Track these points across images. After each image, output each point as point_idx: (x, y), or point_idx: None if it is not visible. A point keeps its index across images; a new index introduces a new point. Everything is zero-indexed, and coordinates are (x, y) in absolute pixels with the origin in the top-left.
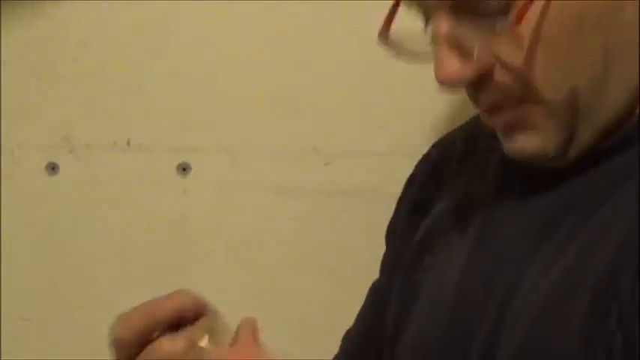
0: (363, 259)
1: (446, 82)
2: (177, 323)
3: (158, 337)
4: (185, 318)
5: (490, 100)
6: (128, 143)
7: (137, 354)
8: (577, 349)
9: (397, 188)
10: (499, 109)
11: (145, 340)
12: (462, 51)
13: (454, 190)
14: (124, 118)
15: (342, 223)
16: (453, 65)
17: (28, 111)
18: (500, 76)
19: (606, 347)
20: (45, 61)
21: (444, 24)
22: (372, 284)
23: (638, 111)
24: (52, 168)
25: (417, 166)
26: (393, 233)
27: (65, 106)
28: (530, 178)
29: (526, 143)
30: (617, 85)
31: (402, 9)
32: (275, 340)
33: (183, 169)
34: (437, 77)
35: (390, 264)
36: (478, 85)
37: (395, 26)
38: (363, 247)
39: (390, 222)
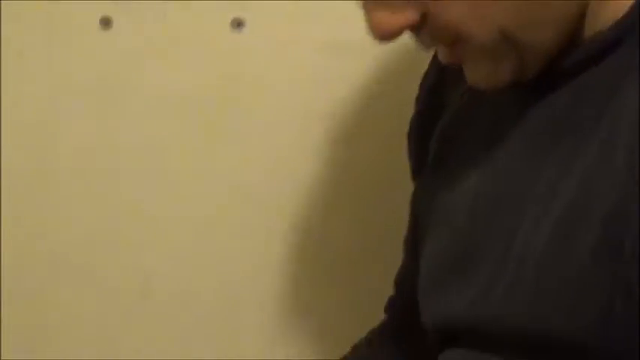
0: None
1: (383, 38)
2: None
3: None
4: None
5: (427, 42)
6: None
7: None
8: (588, 275)
9: None
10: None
11: None
12: (390, 4)
13: (454, 109)
14: None
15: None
16: (383, 20)
17: None
18: (431, 20)
19: (619, 272)
20: None
21: None
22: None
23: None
24: (106, 23)
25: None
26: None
27: None
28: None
29: (475, 75)
30: (549, 16)
31: None
32: None
33: (238, 24)
34: (373, 36)
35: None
36: (413, 30)
37: None
38: None
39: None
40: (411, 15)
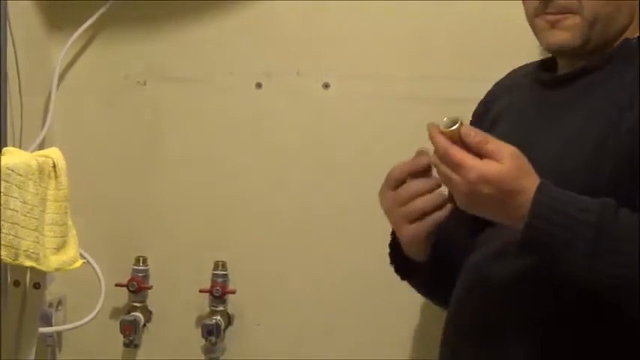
0: None
1: None
2: None
3: None
4: None
5: (557, 7)
6: None
7: None
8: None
9: None
10: (555, 12)
11: None
12: None
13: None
14: None
15: None
16: None
17: None
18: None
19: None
20: None
21: None
22: None
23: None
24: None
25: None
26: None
27: None
28: (548, 85)
29: (560, 37)
30: (619, 21)
31: None
32: None
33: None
34: None
35: None
36: None
37: None
38: None
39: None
40: None
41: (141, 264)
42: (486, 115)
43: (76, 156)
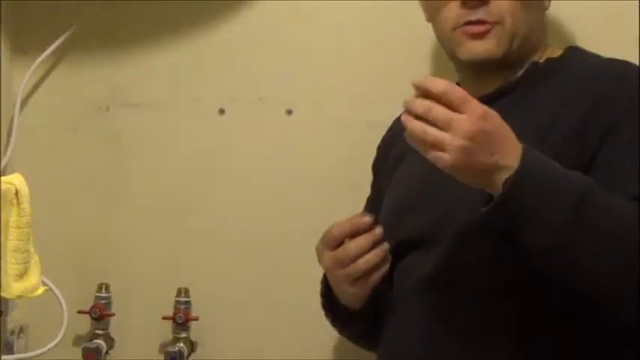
0: None
1: None
2: None
3: None
4: None
5: (480, 15)
6: None
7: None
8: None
9: None
10: (478, 23)
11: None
12: None
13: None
14: None
15: None
16: None
17: None
18: (494, 7)
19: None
20: None
21: None
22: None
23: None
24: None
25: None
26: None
27: None
28: None
29: (484, 47)
30: (533, 39)
31: None
32: None
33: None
34: None
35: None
36: (479, 3)
37: None
38: None
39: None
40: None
41: (103, 291)
42: (390, 152)
43: (38, 182)
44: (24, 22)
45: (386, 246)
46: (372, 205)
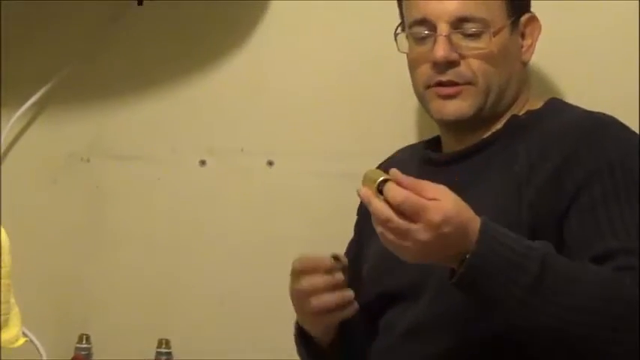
0: None
1: (439, 60)
2: None
3: None
4: None
5: (450, 76)
6: None
7: None
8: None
9: None
10: (450, 84)
11: None
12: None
13: None
14: None
15: None
16: (446, 50)
17: None
18: (465, 68)
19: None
20: None
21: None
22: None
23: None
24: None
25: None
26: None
27: None
28: (441, 164)
29: (454, 107)
30: (509, 94)
31: None
32: None
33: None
34: (436, 56)
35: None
36: (449, 65)
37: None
38: None
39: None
40: (458, 58)
41: (84, 342)
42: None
43: (19, 233)
44: (3, 75)
45: (349, 293)
46: (352, 247)
